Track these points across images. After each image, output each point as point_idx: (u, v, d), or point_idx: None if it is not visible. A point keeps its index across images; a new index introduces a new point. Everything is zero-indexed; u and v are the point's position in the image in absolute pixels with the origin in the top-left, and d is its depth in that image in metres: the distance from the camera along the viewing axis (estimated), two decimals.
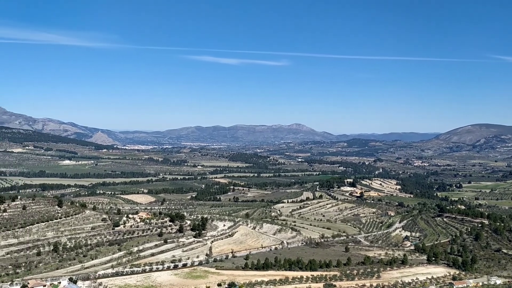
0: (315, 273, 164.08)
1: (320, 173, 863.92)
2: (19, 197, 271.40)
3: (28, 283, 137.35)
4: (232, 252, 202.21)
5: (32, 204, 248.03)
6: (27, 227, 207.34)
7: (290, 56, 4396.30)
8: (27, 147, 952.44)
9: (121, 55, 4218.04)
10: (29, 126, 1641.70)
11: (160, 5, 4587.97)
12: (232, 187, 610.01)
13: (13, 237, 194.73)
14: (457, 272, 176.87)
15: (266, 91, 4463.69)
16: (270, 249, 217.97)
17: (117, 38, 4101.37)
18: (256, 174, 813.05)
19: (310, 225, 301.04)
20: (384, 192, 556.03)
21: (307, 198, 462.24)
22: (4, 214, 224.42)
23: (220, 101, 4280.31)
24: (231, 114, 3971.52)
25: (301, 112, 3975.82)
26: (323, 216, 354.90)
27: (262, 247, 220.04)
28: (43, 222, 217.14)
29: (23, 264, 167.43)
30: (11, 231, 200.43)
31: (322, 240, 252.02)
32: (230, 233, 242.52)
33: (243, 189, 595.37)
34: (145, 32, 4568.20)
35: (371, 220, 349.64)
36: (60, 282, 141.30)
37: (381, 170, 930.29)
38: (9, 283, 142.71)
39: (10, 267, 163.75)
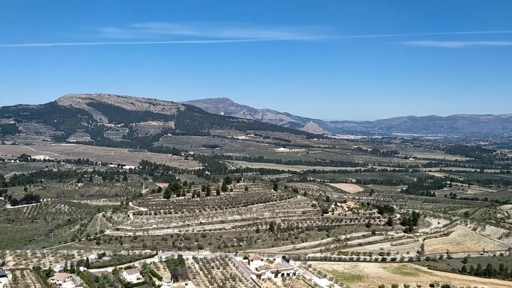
0: None
1: None
2: (242, 179, 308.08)
3: (249, 256, 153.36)
4: (447, 253, 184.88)
5: (252, 186, 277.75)
6: (248, 206, 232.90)
7: None
8: (249, 135, 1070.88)
9: (335, 47, 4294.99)
10: (251, 116, 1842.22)
11: None
12: (448, 182, 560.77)
13: (237, 214, 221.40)
14: None
15: (495, 76, 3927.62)
16: (494, 255, 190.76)
17: (333, 29, 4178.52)
18: (478, 170, 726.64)
19: None
20: None
21: None
22: (231, 193, 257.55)
23: (437, 88, 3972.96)
24: (450, 102, 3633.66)
25: None
26: None
27: (483, 251, 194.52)
28: (261, 203, 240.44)
29: (245, 239, 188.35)
30: (236, 208, 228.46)
31: None
32: (445, 232, 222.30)
33: (461, 185, 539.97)
34: (360, 22, 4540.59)
35: None
36: (274, 259, 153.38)
37: None
38: (234, 253, 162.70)
39: (234, 239, 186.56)
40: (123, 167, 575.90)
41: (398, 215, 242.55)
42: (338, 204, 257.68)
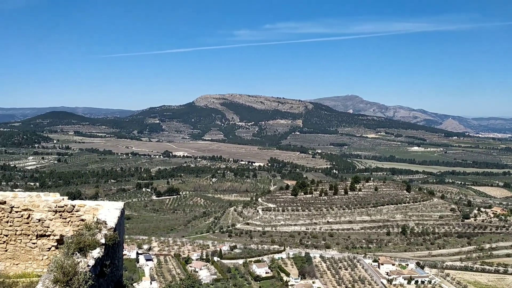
0: None
1: None
2: (371, 179, 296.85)
3: (379, 259, 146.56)
4: None
5: (382, 186, 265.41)
6: (378, 207, 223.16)
7: None
8: (379, 133, 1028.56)
9: (480, 35, 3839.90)
10: (382, 114, 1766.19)
11: None
12: None
13: (366, 214, 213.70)
14: None
15: None
16: None
17: (479, 17, 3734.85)
18: None
19: None
20: None
21: None
22: (359, 193, 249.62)
23: None
24: None
25: None
26: None
27: None
28: (392, 204, 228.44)
29: (374, 241, 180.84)
30: (364, 209, 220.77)
31: None
32: None
33: None
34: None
35: None
36: (407, 264, 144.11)
37: None
38: (362, 255, 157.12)
39: (363, 241, 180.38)
40: (253, 164, 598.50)
41: None
42: (482, 209, 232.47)
